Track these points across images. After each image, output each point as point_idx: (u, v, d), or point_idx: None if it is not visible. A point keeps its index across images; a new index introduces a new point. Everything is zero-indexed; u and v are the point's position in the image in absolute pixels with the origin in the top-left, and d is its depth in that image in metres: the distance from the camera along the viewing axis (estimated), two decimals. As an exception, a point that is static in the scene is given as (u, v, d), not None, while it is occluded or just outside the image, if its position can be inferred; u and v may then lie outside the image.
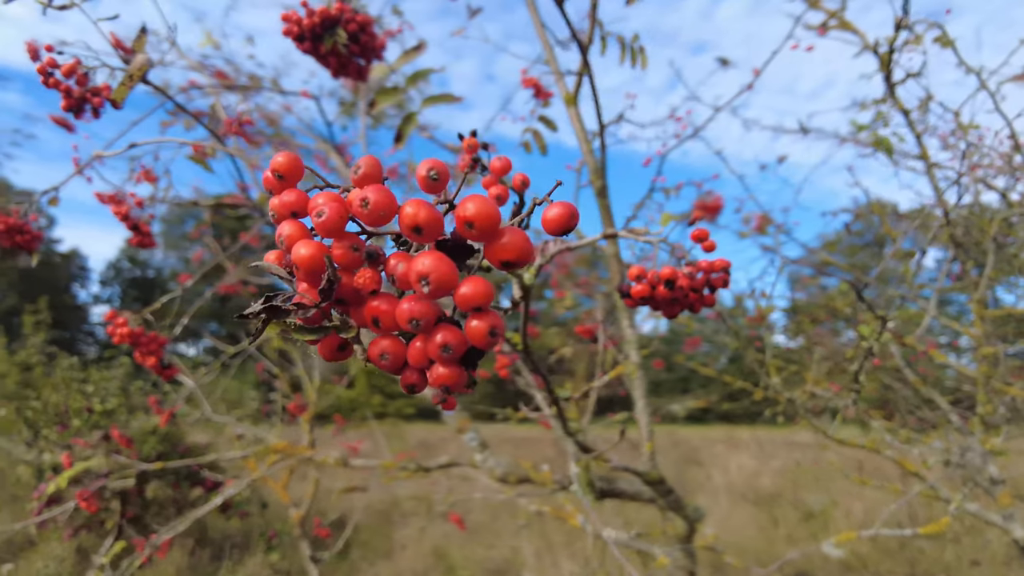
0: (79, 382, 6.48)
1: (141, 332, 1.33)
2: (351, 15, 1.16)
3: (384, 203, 0.32)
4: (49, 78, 1.11)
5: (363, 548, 6.18)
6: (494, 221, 0.31)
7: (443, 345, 0.32)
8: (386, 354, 0.33)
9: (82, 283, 33.23)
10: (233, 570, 5.48)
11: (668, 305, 0.84)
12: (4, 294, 21.08)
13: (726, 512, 6.97)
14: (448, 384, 0.33)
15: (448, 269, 0.31)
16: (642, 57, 1.86)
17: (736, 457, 9.97)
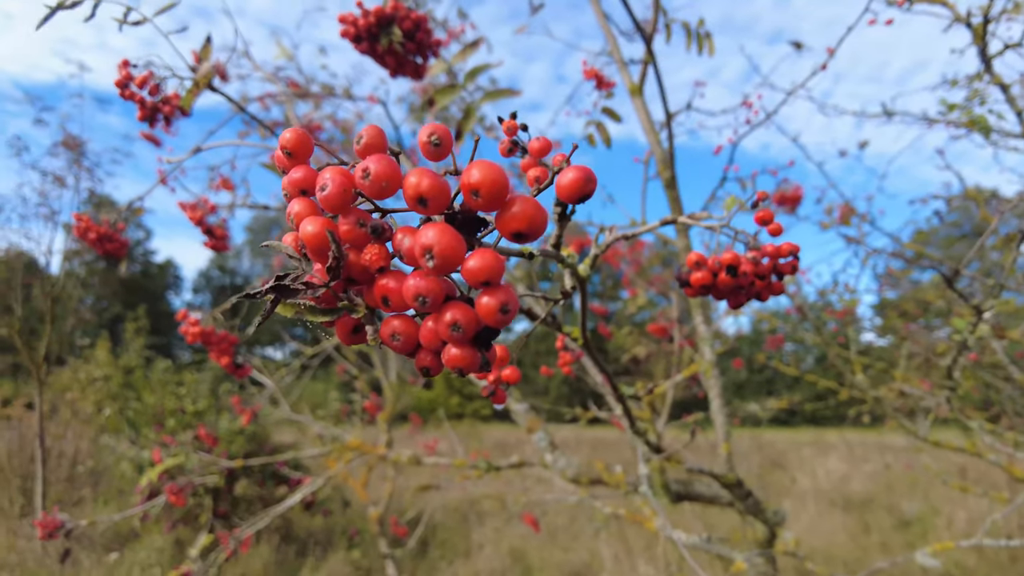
0: (173, 384, 6.85)
1: (212, 331, 1.38)
2: (405, 13, 1.16)
3: (386, 173, 0.30)
4: (125, 90, 1.17)
5: (441, 547, 6.26)
6: (501, 188, 0.29)
7: (452, 323, 0.30)
8: (397, 335, 0.31)
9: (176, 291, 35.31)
10: (316, 567, 5.65)
11: (732, 293, 0.79)
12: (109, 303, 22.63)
13: (813, 518, 6.68)
14: (461, 366, 0.31)
15: (453, 241, 0.29)
16: (709, 43, 1.79)
17: (824, 460, 9.54)
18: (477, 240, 0.32)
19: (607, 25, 2.04)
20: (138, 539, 6.38)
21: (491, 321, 0.30)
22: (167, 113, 1.19)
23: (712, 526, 6.09)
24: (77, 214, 1.75)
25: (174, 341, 22.23)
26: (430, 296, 0.29)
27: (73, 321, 6.90)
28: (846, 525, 6.45)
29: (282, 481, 6.02)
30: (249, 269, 39.18)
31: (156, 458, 2.28)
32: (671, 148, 1.95)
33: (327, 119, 3.33)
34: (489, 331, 0.31)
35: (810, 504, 7.00)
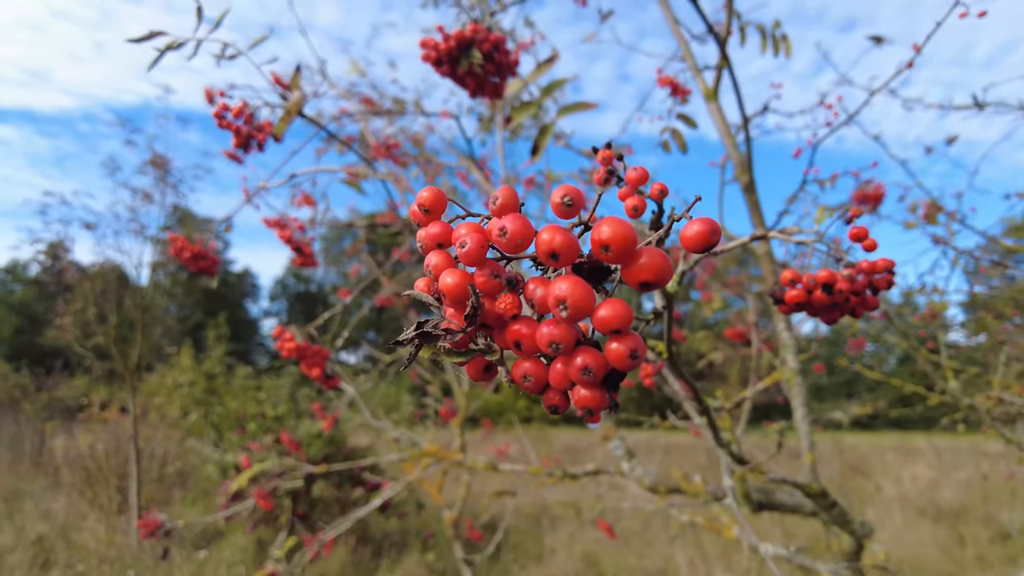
0: (254, 390, 7.15)
1: (307, 346, 1.44)
2: (484, 35, 1.19)
3: (521, 232, 0.32)
4: (222, 120, 1.24)
5: (514, 551, 6.30)
6: (630, 243, 0.31)
7: (584, 368, 0.32)
8: (528, 376, 0.34)
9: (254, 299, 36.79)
10: (392, 568, 5.78)
11: (826, 310, 0.78)
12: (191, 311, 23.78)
13: (900, 527, 6.38)
14: (590, 406, 0.33)
15: (585, 293, 0.31)
16: (785, 45, 1.76)
17: (910, 467, 9.09)
18: (603, 288, 0.34)
19: (678, 30, 2.03)
20: (223, 538, 6.68)
21: (621, 366, 0.31)
22: (260, 140, 1.26)
23: (791, 534, 5.92)
24: (172, 235, 1.85)
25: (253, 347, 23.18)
26: (563, 343, 0.31)
27: (160, 329, 7.28)
28: (936, 536, 6.14)
29: (358, 483, 6.19)
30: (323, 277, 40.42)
31: (245, 464, 2.39)
32: (749, 152, 1.92)
33: (400, 133, 3.42)
34: (617, 374, 0.33)
35: (896, 513, 6.69)
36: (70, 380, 14.16)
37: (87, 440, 8.84)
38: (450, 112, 2.52)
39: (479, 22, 1.22)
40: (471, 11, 1.39)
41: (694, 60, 1.92)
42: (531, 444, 8.16)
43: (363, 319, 12.89)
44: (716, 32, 1.81)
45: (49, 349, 17.94)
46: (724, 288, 4.12)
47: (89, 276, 7.71)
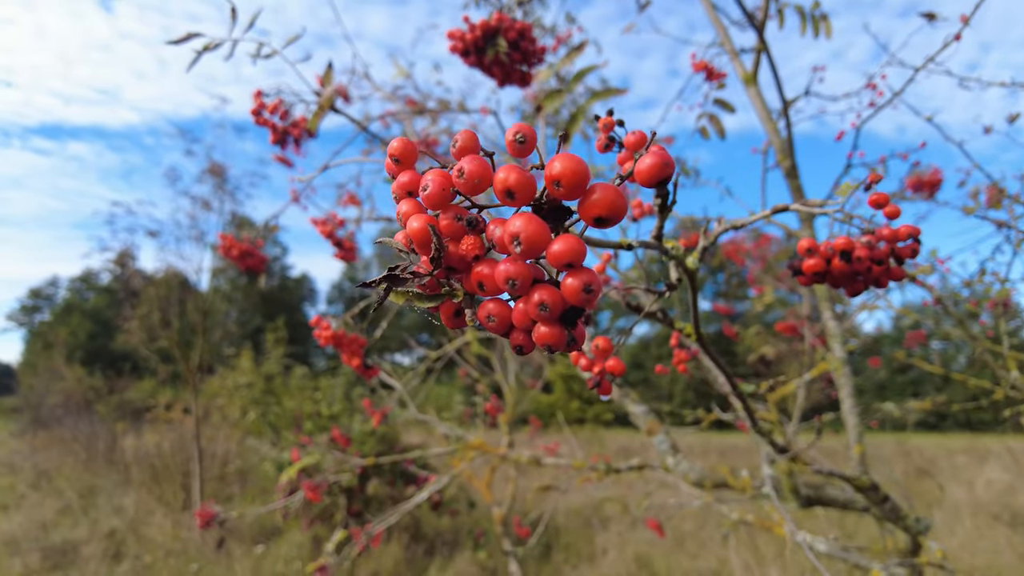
0: (310, 390, 7.33)
1: (343, 334, 1.48)
2: (510, 24, 1.21)
3: (478, 172, 0.33)
4: (259, 117, 1.29)
5: (565, 551, 6.28)
6: (581, 177, 0.31)
7: (540, 303, 0.32)
8: (492, 316, 0.34)
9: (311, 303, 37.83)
10: (443, 567, 5.84)
11: (848, 281, 0.76)
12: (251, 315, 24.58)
13: (971, 533, 6.09)
14: (550, 343, 0.33)
15: (538, 228, 0.31)
16: (825, 25, 1.71)
17: (984, 470, 8.65)
18: (564, 228, 0.35)
19: (716, 16, 2.00)
20: (280, 534, 6.87)
21: (575, 300, 0.32)
22: (296, 135, 1.30)
23: (851, 535, 5.73)
24: (222, 234, 1.92)
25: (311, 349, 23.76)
26: (519, 278, 0.32)
27: (220, 333, 7.54)
28: (1013, 544, 5.84)
29: (411, 481, 6.27)
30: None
31: (295, 457, 2.46)
32: (790, 136, 1.87)
33: (443, 133, 3.46)
34: (575, 310, 0.33)
35: (966, 518, 6.39)
36: (138, 383, 14.80)
37: (153, 439, 9.22)
38: (489, 108, 2.53)
39: (504, 11, 1.23)
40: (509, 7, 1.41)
41: (732, 44, 1.89)
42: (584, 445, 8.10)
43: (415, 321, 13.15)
44: (753, 16, 1.78)
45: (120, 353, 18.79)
46: (777, 283, 4.03)
47: (154, 283, 8.05)
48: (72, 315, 31.28)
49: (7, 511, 8.16)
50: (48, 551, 6.42)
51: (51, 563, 6.15)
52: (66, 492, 8.74)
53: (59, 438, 11.64)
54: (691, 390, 19.37)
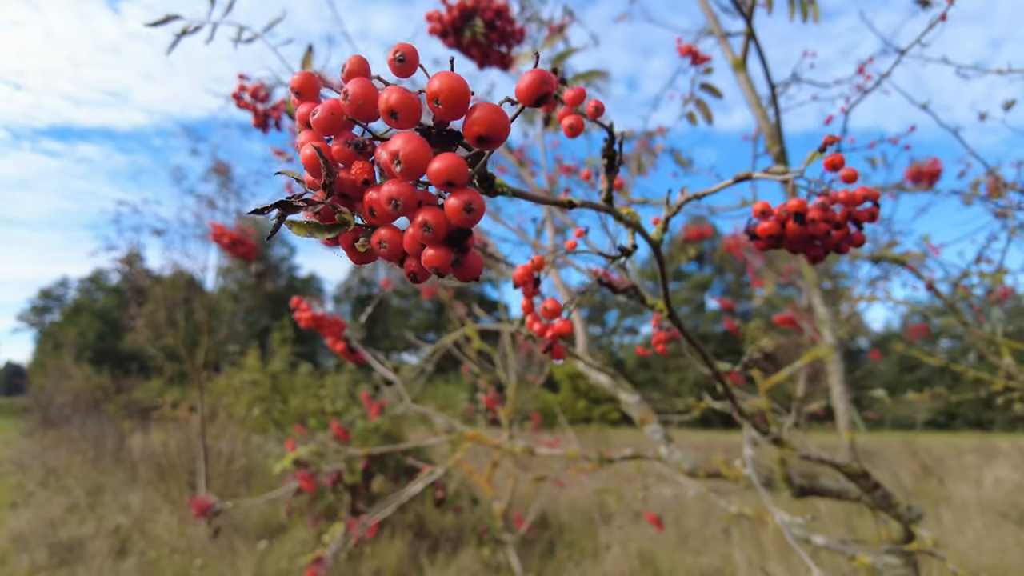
0: (315, 387, 7.37)
1: (323, 316, 1.48)
2: (487, 3, 1.20)
3: (361, 93, 0.33)
4: (240, 100, 1.30)
5: (569, 548, 6.27)
6: (460, 94, 0.31)
7: (424, 224, 0.32)
8: (384, 242, 0.34)
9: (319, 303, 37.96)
10: (447, 563, 5.85)
11: (805, 245, 0.75)
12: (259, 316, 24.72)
13: (979, 532, 6.03)
14: (437, 265, 0.33)
15: (417, 146, 0.31)
16: (813, 9, 1.70)
17: (993, 469, 8.57)
18: (452, 151, 0.35)
19: (706, 2, 2.00)
20: (285, 531, 6.91)
21: (457, 220, 0.32)
22: (276, 118, 1.31)
23: (853, 529, 5.71)
24: (212, 222, 1.93)
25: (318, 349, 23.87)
26: (401, 198, 0.32)
27: (226, 332, 7.59)
28: (1021, 541, 5.78)
29: (414, 478, 6.28)
30: None
31: (290, 447, 2.47)
32: (778, 122, 1.87)
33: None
34: (460, 232, 0.33)
35: (975, 517, 6.33)
36: (146, 382, 14.89)
37: (160, 438, 9.28)
38: (481, 99, 2.53)
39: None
40: None
41: (721, 30, 1.88)
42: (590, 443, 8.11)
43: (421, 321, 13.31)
44: (740, 2, 1.77)
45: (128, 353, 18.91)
46: (779, 277, 4.01)
47: (161, 282, 8.11)
48: (81, 315, 31.54)
49: (16, 509, 8.24)
50: (55, 547, 6.47)
51: (58, 559, 6.20)
52: (74, 490, 8.81)
53: (67, 437, 11.73)
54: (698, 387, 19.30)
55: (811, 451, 1.99)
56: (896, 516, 2.01)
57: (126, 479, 9.53)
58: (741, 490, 2.49)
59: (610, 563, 5.41)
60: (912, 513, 2.03)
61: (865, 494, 1.98)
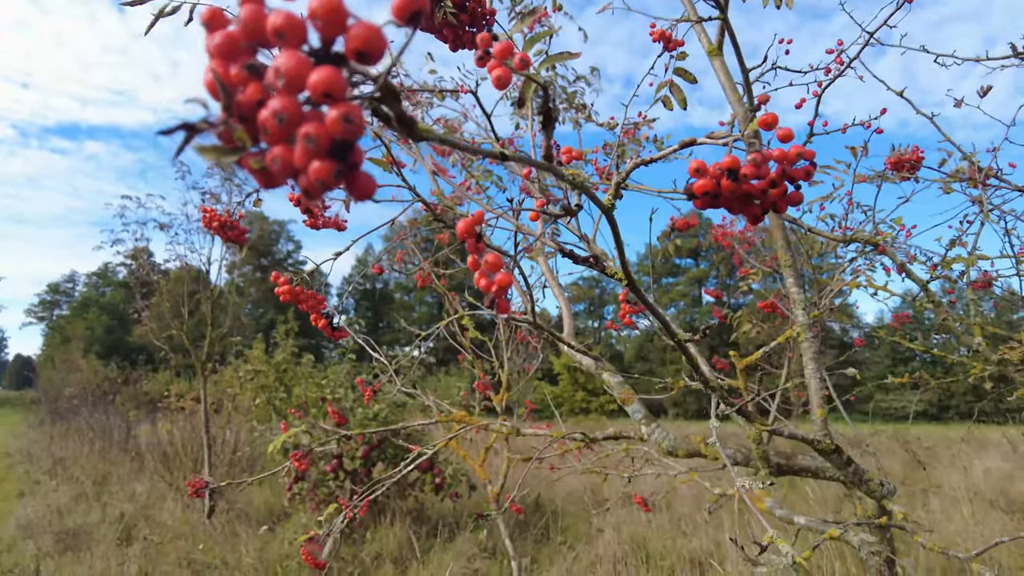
0: (318, 377, 7.46)
1: (301, 290, 1.54)
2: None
3: (252, 17, 0.38)
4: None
5: (564, 533, 6.36)
6: (336, 12, 0.36)
7: (306, 136, 0.37)
8: (276, 159, 0.39)
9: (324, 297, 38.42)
10: (445, 547, 5.94)
11: (743, 203, 0.80)
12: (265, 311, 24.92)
13: (967, 519, 6.07)
14: (322, 178, 0.38)
15: (296, 61, 0.36)
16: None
17: (983, 459, 8.62)
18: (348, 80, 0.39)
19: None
20: (288, 518, 7.01)
21: (337, 131, 0.37)
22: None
23: (841, 514, 5.74)
24: (203, 206, 1.99)
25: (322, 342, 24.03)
26: (285, 112, 0.37)
27: (229, 322, 7.66)
28: (1008, 529, 5.83)
29: (415, 467, 6.37)
30: (388, 275, 41.97)
31: (283, 428, 2.54)
32: (751, 106, 1.91)
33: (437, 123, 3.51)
34: (343, 144, 0.38)
35: (963, 504, 6.38)
36: (153, 375, 15.03)
37: (166, 428, 9.40)
38: (467, 87, 2.58)
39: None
40: None
41: (696, 13, 1.92)
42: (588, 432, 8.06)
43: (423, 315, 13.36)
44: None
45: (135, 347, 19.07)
46: (764, 265, 4.03)
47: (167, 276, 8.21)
48: (89, 310, 31.82)
49: (23, 498, 8.38)
50: (61, 535, 6.58)
51: (63, 545, 6.31)
52: (81, 479, 8.95)
53: (75, 428, 11.89)
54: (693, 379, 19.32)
55: (781, 427, 2.04)
56: (868, 492, 2.06)
57: (133, 469, 9.66)
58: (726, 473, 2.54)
59: (603, 547, 5.48)
60: (884, 489, 2.08)
61: (838, 471, 2.03)
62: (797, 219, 2.26)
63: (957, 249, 2.36)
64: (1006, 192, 2.42)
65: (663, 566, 5.25)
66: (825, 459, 2.02)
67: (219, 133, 0.39)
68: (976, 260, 2.13)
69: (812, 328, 1.96)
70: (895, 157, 2.88)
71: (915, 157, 2.86)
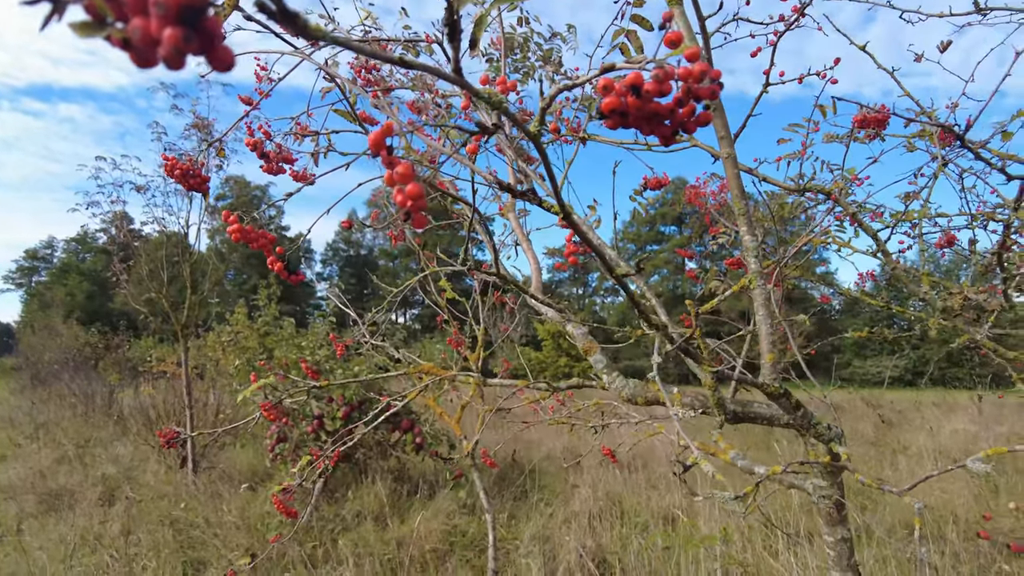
0: (298, 339, 7.50)
1: (251, 230, 1.56)
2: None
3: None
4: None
5: (542, 491, 6.50)
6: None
7: (156, 4, 0.40)
8: (136, 29, 0.41)
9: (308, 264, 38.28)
10: (424, 504, 6.05)
11: (652, 123, 0.82)
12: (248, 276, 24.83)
13: (934, 478, 6.28)
14: (175, 43, 0.40)
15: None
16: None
17: (951, 421, 8.85)
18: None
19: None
20: (271, 478, 7.09)
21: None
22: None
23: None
24: (164, 155, 1.99)
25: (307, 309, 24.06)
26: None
27: (208, 285, 7.64)
28: (970, 486, 6.03)
29: (396, 426, 6.47)
30: (372, 241, 41.83)
31: (253, 379, 2.57)
32: (709, 55, 1.93)
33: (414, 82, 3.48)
34: (190, 9, 0.40)
35: (928, 463, 6.58)
36: (136, 341, 15.00)
37: (148, 392, 9.43)
38: (433, 37, 2.57)
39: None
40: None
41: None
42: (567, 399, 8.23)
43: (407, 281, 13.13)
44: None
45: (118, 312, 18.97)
46: (734, 225, 4.07)
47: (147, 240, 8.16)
48: (69, 276, 31.55)
49: (5, 461, 8.41)
50: (43, 496, 6.63)
51: (46, 506, 6.36)
52: (63, 443, 8.98)
53: (57, 394, 11.88)
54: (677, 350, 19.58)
55: (727, 367, 2.10)
56: (816, 436, 2.13)
57: (116, 432, 9.71)
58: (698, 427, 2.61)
59: (579, 503, 5.61)
60: (831, 432, 2.15)
61: (787, 415, 2.09)
62: (753, 169, 2.30)
63: (915, 204, 2.41)
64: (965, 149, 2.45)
65: (637, 521, 5.38)
66: (775, 403, 2.08)
67: (85, 6, 0.41)
68: (928, 212, 2.18)
69: (763, 276, 2.01)
70: (861, 115, 2.91)
71: (881, 116, 2.89)
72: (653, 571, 4.40)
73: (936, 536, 4.89)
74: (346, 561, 4.88)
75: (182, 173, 2.00)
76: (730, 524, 4.80)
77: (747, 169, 2.24)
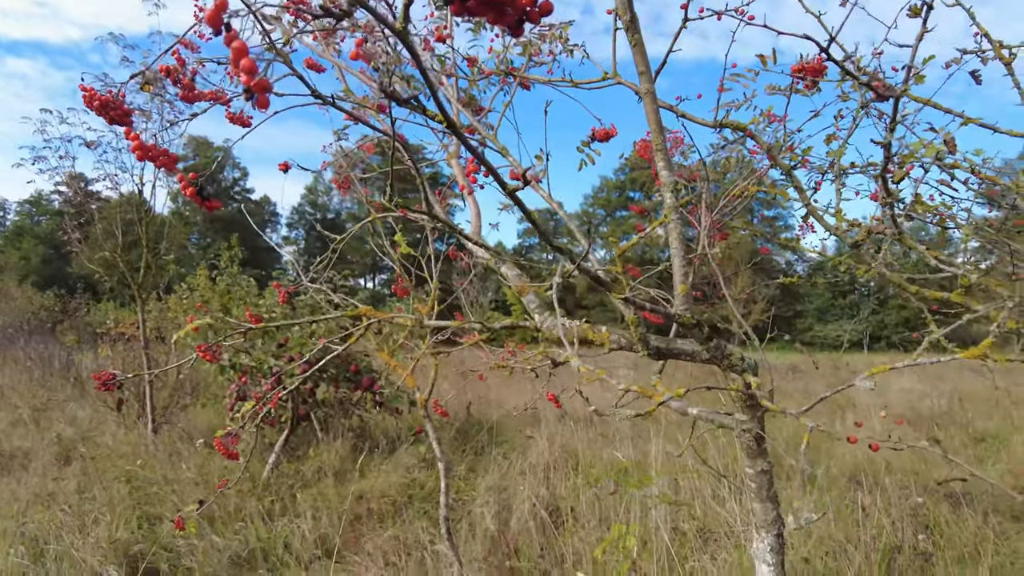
0: (255, 298, 7.47)
1: (153, 147, 1.56)
2: None
3: None
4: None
5: (501, 446, 6.62)
6: None
7: None
8: None
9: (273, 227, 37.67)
10: (385, 459, 6.14)
11: (495, 11, 0.84)
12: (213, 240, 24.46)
13: (876, 431, 6.53)
14: None
15: None
16: None
17: (900, 381, 9.18)
18: None
19: None
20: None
21: None
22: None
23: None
24: (81, 84, 1.96)
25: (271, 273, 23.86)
26: None
27: (166, 245, 7.54)
28: (909, 439, 6.31)
29: (357, 386, 6.51)
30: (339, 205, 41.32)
31: (190, 321, 2.58)
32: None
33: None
34: None
35: (874, 419, 6.83)
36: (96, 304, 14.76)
37: (105, 353, 9.32)
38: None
39: None
40: None
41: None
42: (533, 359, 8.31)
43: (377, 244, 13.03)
44: None
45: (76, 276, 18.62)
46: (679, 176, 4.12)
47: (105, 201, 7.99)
48: (23, 239, 30.75)
49: (-44, 425, 8.28)
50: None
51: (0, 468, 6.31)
52: (18, 406, 8.86)
53: (12, 358, 11.68)
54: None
55: (640, 295, 2.17)
56: (730, 366, 2.21)
57: (74, 395, 9.61)
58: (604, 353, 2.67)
59: (535, 456, 5.73)
60: (744, 363, 2.24)
61: (700, 346, 2.16)
62: (674, 106, 2.34)
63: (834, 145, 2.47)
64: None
65: (592, 473, 5.52)
66: (688, 332, 2.15)
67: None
68: (844, 151, 2.24)
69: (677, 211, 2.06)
70: (799, 65, 2.96)
71: (817, 66, 2.94)
72: (604, 517, 4.54)
73: (873, 485, 5.10)
74: (304, 515, 4.95)
75: (102, 104, 1.97)
76: (676, 469, 4.96)
77: (667, 106, 2.28)
